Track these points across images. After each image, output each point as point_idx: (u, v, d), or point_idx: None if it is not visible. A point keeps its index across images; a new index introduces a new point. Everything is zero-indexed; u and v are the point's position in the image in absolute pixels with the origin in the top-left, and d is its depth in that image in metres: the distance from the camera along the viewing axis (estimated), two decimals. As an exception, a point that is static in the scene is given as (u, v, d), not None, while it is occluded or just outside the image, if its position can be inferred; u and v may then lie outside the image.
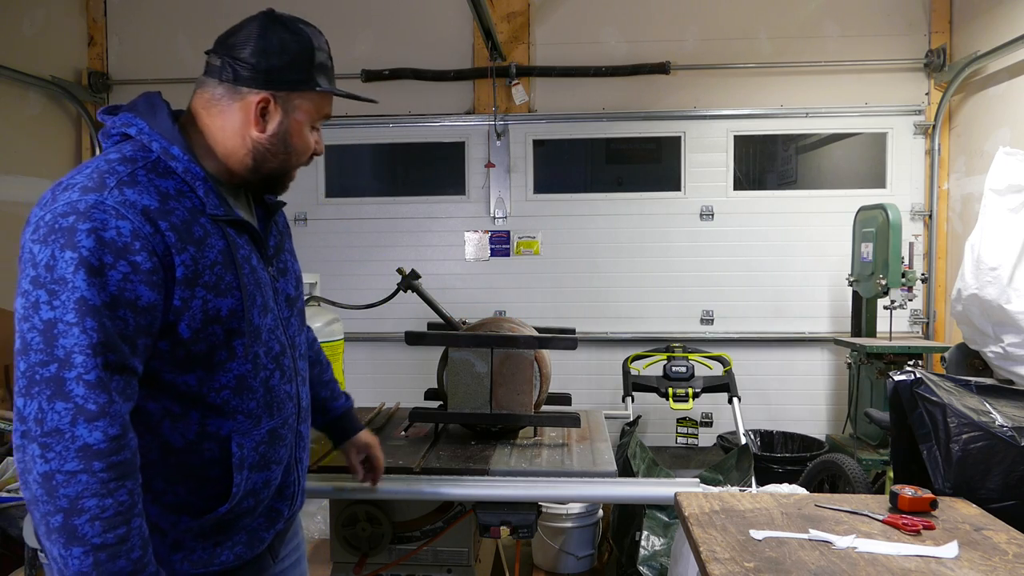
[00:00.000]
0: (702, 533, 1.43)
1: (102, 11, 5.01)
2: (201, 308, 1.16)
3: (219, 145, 1.26)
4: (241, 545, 1.29)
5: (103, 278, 1.06)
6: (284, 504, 1.38)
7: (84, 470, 1.02)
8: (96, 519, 1.03)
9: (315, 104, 1.30)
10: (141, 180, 1.14)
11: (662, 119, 4.78)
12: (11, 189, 4.41)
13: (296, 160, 1.32)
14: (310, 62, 1.27)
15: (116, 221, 1.08)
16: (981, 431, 1.64)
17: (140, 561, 1.07)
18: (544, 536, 3.50)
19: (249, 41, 1.25)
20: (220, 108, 1.25)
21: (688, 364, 4.14)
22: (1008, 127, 4.03)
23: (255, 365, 1.25)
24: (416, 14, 4.86)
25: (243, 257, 1.24)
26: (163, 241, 1.11)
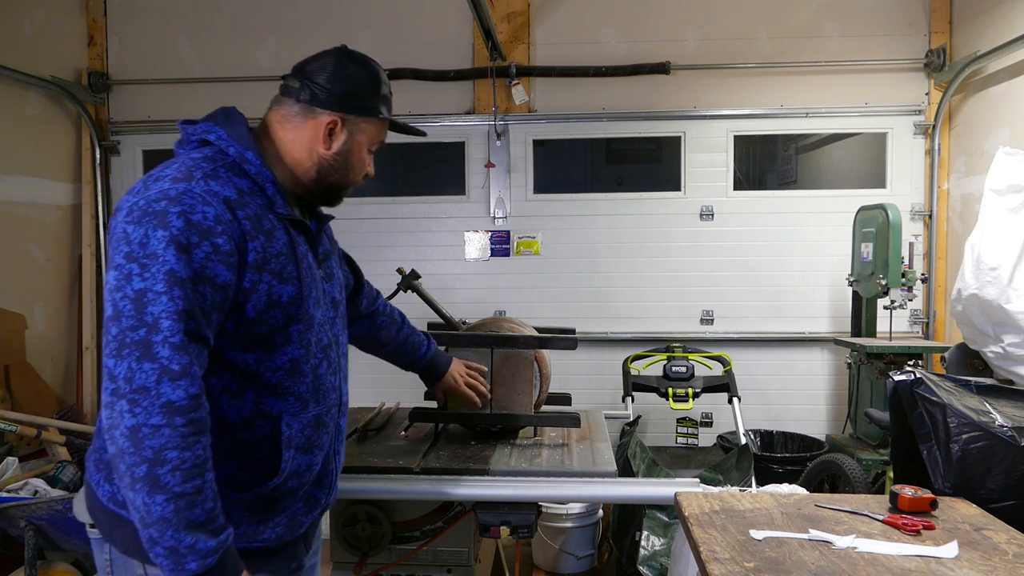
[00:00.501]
0: (702, 533, 1.43)
1: (102, 11, 5.01)
2: (267, 292, 1.29)
3: (288, 156, 1.42)
4: (282, 527, 1.39)
5: (189, 255, 1.18)
6: (322, 492, 1.47)
7: (167, 424, 1.13)
8: (177, 470, 1.13)
9: (376, 130, 1.48)
10: (222, 175, 1.29)
11: (662, 119, 4.78)
12: (11, 189, 4.41)
13: (353, 178, 1.48)
14: (376, 92, 1.46)
15: (202, 207, 1.22)
16: (981, 431, 1.64)
17: (212, 512, 1.18)
18: (544, 536, 3.50)
19: (326, 69, 1.41)
20: (294, 124, 1.41)
21: (688, 364, 4.14)
22: (1008, 127, 4.03)
23: (307, 352, 1.37)
24: (416, 14, 4.86)
25: (302, 253, 1.38)
26: (240, 228, 1.26)
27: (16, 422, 3.60)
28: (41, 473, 3.45)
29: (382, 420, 2.48)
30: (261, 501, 1.34)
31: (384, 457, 2.05)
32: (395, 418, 2.54)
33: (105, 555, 1.37)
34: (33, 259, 4.60)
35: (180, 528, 1.14)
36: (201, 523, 1.16)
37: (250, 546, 1.34)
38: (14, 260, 4.45)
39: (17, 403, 4.15)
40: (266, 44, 4.91)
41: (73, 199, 4.90)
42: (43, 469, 3.54)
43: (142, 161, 5.06)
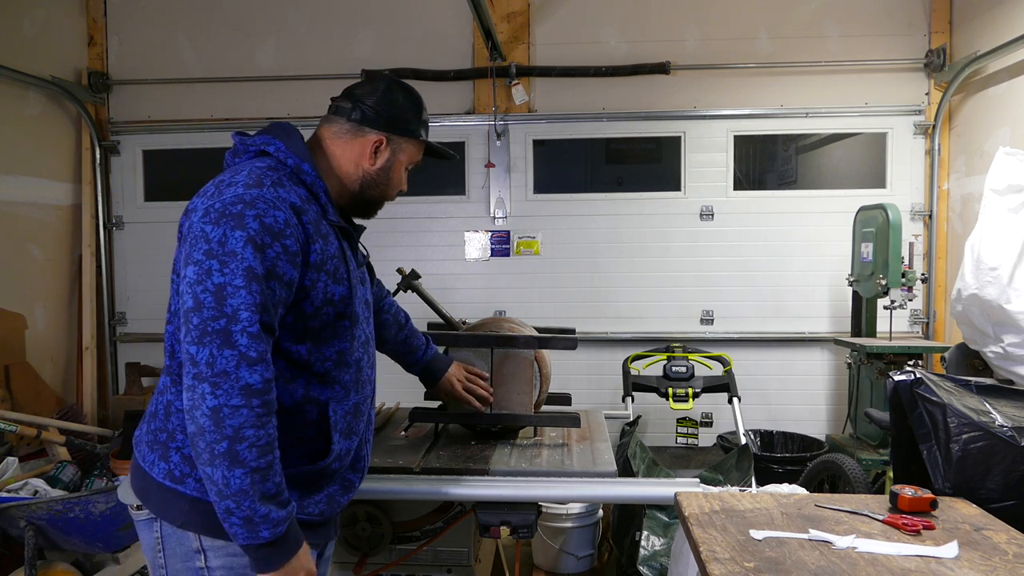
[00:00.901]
0: (702, 533, 1.43)
1: (102, 11, 5.01)
2: (323, 290, 1.42)
3: (338, 168, 1.56)
4: (323, 504, 1.50)
5: (263, 254, 1.30)
6: (356, 476, 1.59)
7: (245, 405, 1.25)
8: (253, 446, 1.26)
9: (415, 150, 1.65)
10: (286, 184, 1.41)
11: (662, 119, 4.78)
12: (11, 189, 4.41)
13: (391, 192, 1.64)
14: (419, 117, 1.63)
15: (273, 211, 1.33)
16: (981, 431, 1.64)
17: (280, 486, 1.31)
18: (544, 536, 3.50)
19: (376, 93, 1.57)
20: (344, 140, 1.56)
21: (688, 364, 4.14)
22: (1008, 127, 4.03)
23: (352, 345, 1.50)
24: (416, 14, 4.87)
25: (349, 257, 1.53)
26: (304, 232, 1.38)
27: (16, 422, 3.60)
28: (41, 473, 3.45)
29: (382, 420, 2.48)
30: (308, 478, 1.45)
31: (384, 457, 2.05)
32: (395, 418, 2.54)
33: (155, 533, 1.43)
34: (33, 259, 4.60)
35: (256, 499, 1.26)
36: (272, 495, 1.28)
37: (298, 516, 1.43)
38: (14, 260, 4.45)
39: (17, 403, 4.15)
40: (266, 44, 4.91)
41: (73, 199, 4.90)
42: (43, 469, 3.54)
43: (142, 161, 5.06)
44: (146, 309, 5.04)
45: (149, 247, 5.01)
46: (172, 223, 4.90)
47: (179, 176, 5.12)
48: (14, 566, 2.85)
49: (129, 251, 5.06)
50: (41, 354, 4.58)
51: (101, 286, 5.00)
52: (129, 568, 2.93)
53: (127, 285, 5.08)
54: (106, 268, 5.02)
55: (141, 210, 5.05)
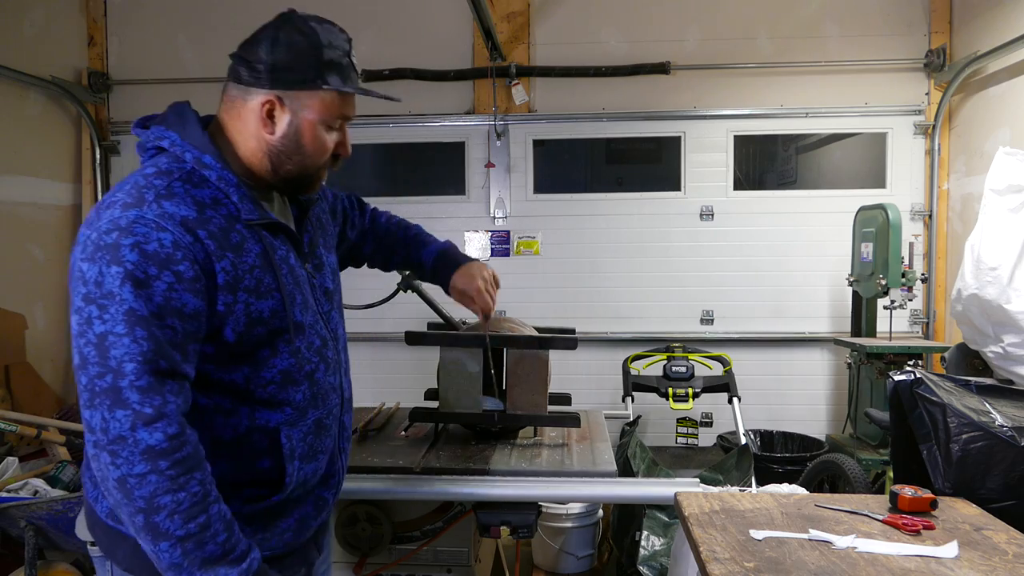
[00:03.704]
0: (702, 533, 1.43)
1: (102, 11, 5.01)
2: (244, 312, 1.21)
3: (241, 148, 1.29)
4: (290, 532, 1.35)
5: (149, 289, 1.10)
6: (329, 492, 1.43)
7: (152, 471, 1.08)
8: (174, 513, 1.09)
9: (326, 104, 1.27)
10: (178, 192, 1.18)
11: (662, 119, 4.78)
12: (11, 189, 4.41)
13: (313, 161, 1.31)
14: (317, 59, 1.24)
15: (157, 234, 1.12)
16: (981, 431, 1.64)
17: (227, 543, 1.14)
18: (544, 536, 3.50)
19: (261, 42, 1.25)
20: (237, 111, 1.28)
21: (688, 364, 4.14)
22: (1008, 127, 4.02)
23: (298, 359, 1.30)
24: (416, 14, 4.86)
25: (280, 258, 1.28)
26: (203, 249, 1.16)
27: (16, 422, 3.60)
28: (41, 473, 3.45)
29: (382, 420, 2.48)
30: (265, 512, 1.31)
31: (384, 457, 2.05)
32: (395, 418, 2.54)
33: (108, 573, 1.32)
34: (33, 259, 4.60)
35: (195, 568, 1.11)
36: (218, 557, 1.12)
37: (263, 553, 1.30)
38: (14, 260, 4.45)
39: (17, 403, 4.15)
40: (266, 44, 4.90)
41: (73, 199, 4.90)
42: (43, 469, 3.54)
43: (142, 161, 5.06)
44: (146, 309, 5.04)
45: (149, 247, 5.02)
46: (172, 223, 4.93)
47: (179, 176, 5.12)
48: (14, 566, 2.85)
49: (129, 251, 5.06)
50: (41, 354, 4.58)
51: (101, 286, 5.00)
52: (129, 568, 2.93)
53: (127, 285, 5.08)
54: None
55: (141, 210, 5.05)
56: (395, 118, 4.86)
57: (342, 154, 1.35)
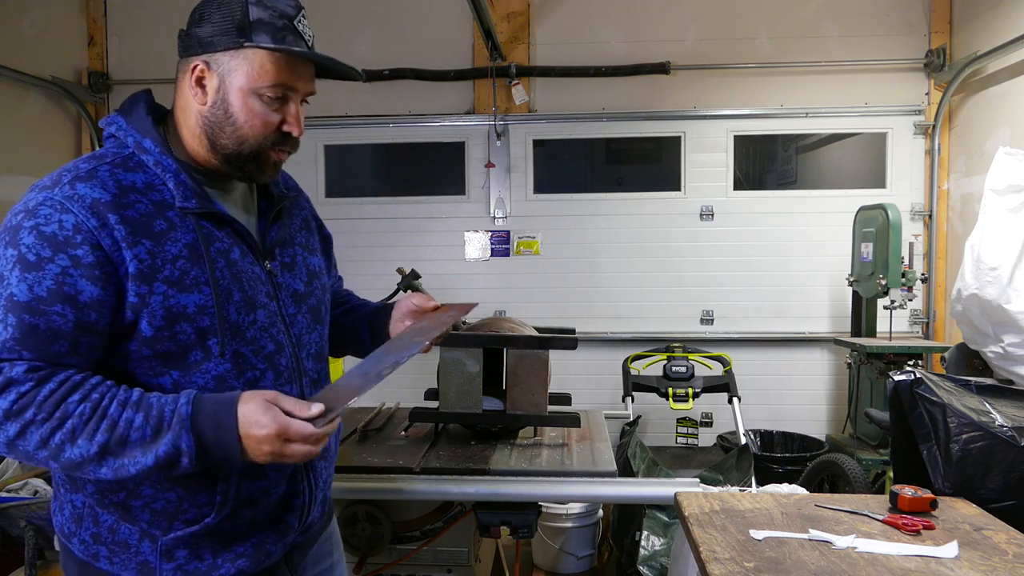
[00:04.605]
0: (702, 533, 1.43)
1: (102, 11, 5.01)
2: (162, 304, 1.11)
3: (184, 130, 1.22)
4: (244, 559, 1.23)
5: (39, 272, 1.04)
6: (293, 515, 1.29)
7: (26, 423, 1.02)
8: (75, 440, 1.03)
9: (255, 66, 1.16)
10: (101, 175, 1.12)
11: (662, 119, 4.78)
12: (11, 189, 4.41)
13: (248, 134, 1.18)
14: (243, 17, 1.15)
15: (60, 215, 1.07)
16: (981, 431, 1.64)
17: (149, 418, 1.05)
18: (544, 536, 3.50)
19: (195, 8, 1.19)
20: (179, 87, 1.22)
21: (688, 364, 4.14)
22: (1008, 127, 4.02)
23: (236, 365, 1.18)
24: (416, 14, 4.86)
25: (218, 251, 1.18)
26: (109, 235, 1.08)
27: (16, 422, 3.60)
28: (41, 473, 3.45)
29: (382, 420, 2.48)
30: (209, 535, 1.20)
31: (384, 457, 2.05)
32: (395, 418, 2.54)
33: None
34: (33, 259, 4.60)
35: (141, 457, 1.04)
36: (152, 435, 1.05)
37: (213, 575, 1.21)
38: (14, 260, 4.45)
39: (17, 403, 4.14)
40: (266, 44, 4.90)
41: (73, 199, 4.90)
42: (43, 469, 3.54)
43: (142, 161, 5.06)
44: (146, 309, 5.04)
45: (149, 247, 5.02)
46: (172, 223, 4.93)
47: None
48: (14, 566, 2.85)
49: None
50: (41, 354, 4.58)
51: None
52: (129, 568, 2.93)
53: (127, 285, 5.08)
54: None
55: (141, 210, 5.05)
56: (395, 118, 4.86)
57: (291, 132, 1.22)
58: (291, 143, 1.24)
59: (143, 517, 1.17)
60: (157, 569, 1.19)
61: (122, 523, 1.18)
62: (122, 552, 1.19)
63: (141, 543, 1.18)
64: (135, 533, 1.18)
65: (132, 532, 1.18)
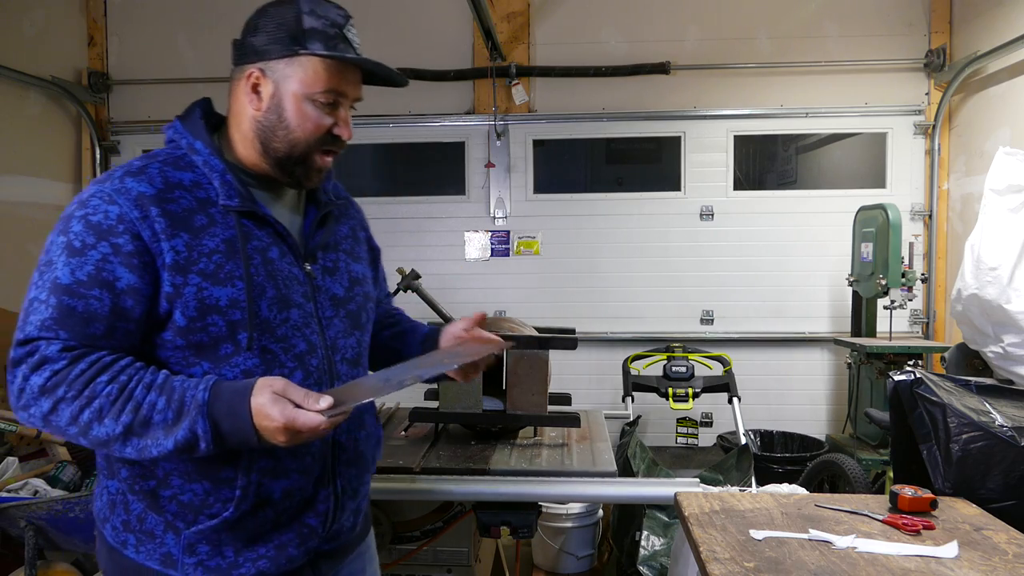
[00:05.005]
0: (702, 533, 1.43)
1: (102, 11, 5.01)
2: (195, 295, 1.15)
3: (238, 132, 1.28)
4: (266, 560, 1.24)
5: (82, 258, 1.11)
6: (317, 520, 1.29)
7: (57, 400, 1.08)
8: (103, 419, 1.08)
9: (310, 72, 1.21)
10: (150, 171, 1.19)
11: (662, 119, 4.78)
12: (11, 189, 4.41)
13: (300, 137, 1.24)
14: (296, 26, 1.20)
15: (106, 206, 1.13)
16: (981, 431, 1.64)
17: (172, 402, 1.09)
18: (544, 536, 3.50)
19: (250, 21, 1.25)
20: (234, 95, 1.28)
21: (688, 364, 4.14)
22: (1008, 127, 4.02)
23: (264, 361, 1.20)
24: (416, 14, 4.86)
25: (255, 248, 1.22)
26: (150, 226, 1.14)
27: (16, 422, 3.60)
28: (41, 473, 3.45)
29: (382, 420, 2.48)
30: (230, 531, 1.21)
31: (384, 457, 2.05)
32: (395, 418, 2.54)
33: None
34: (33, 259, 4.56)
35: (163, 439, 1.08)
36: (173, 419, 1.08)
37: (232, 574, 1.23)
38: (14, 260, 4.45)
39: (17, 403, 4.14)
40: (266, 44, 4.90)
41: (73, 199, 4.90)
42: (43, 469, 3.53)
43: (142, 161, 5.06)
44: (146, 309, 5.04)
45: (149, 247, 5.01)
46: (172, 223, 4.93)
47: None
48: (14, 566, 2.85)
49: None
50: (41, 354, 4.58)
51: (101, 286, 5.00)
52: (129, 568, 2.93)
53: (127, 285, 5.08)
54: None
55: (141, 210, 5.05)
56: (395, 118, 4.86)
57: (341, 136, 1.28)
58: (338, 146, 1.30)
59: (170, 508, 1.20)
60: (179, 562, 1.21)
61: (149, 512, 1.22)
62: (148, 542, 1.22)
63: (166, 534, 1.21)
64: (160, 524, 1.21)
65: (158, 522, 1.21)
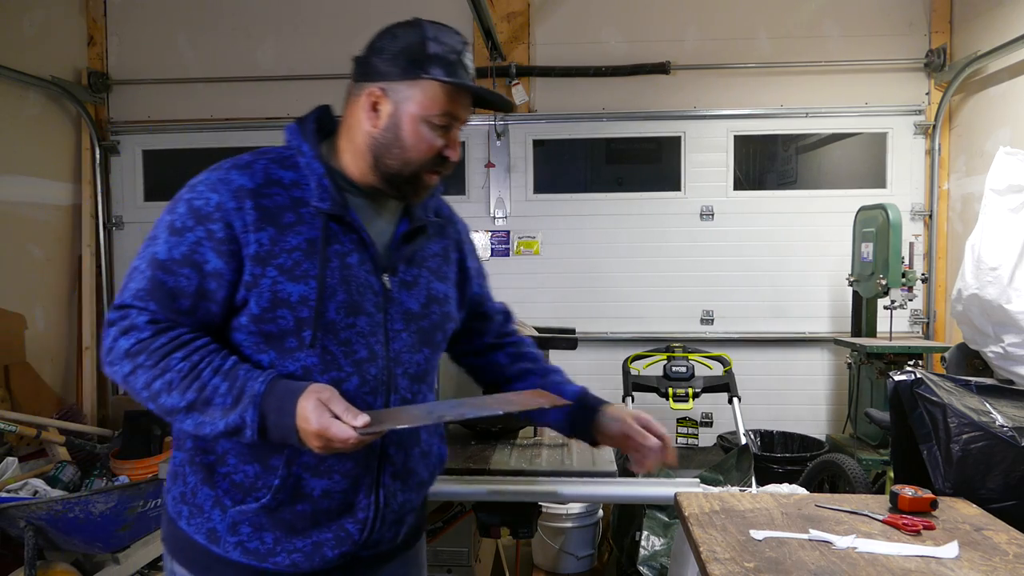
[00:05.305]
0: (702, 533, 1.43)
1: (102, 11, 5.01)
2: (270, 288, 1.21)
3: (350, 144, 1.32)
4: (301, 554, 1.26)
5: (180, 238, 1.20)
6: (355, 526, 1.29)
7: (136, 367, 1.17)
8: (171, 391, 1.16)
9: (429, 96, 1.26)
10: (256, 167, 1.26)
11: (662, 119, 4.78)
12: (11, 189, 4.41)
13: (414, 157, 1.28)
14: (421, 51, 1.26)
15: (209, 194, 1.22)
16: (981, 431, 1.64)
17: (232, 389, 1.16)
18: (544, 536, 3.50)
19: (375, 41, 1.31)
20: (351, 107, 1.32)
21: (688, 364, 4.14)
22: (1008, 127, 4.02)
23: (323, 361, 1.24)
24: (416, 14, 4.80)
25: (335, 252, 1.26)
26: (242, 218, 1.21)
27: (16, 422, 3.60)
28: (41, 473, 3.46)
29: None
30: (270, 517, 1.25)
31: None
32: (395, 418, 2.53)
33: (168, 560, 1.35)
34: (33, 259, 4.60)
35: (218, 419, 1.16)
36: (232, 404, 1.15)
37: (259, 565, 1.26)
38: (14, 260, 4.45)
39: (17, 403, 4.15)
40: (266, 44, 4.91)
41: (73, 199, 4.90)
42: (43, 469, 3.54)
43: (142, 161, 5.06)
44: (146, 309, 5.03)
45: (149, 247, 5.01)
46: (172, 223, 4.93)
47: (179, 176, 5.07)
48: (14, 566, 2.85)
49: (129, 251, 5.06)
50: (41, 354, 4.58)
51: (101, 286, 5.00)
52: (129, 568, 2.93)
53: (127, 285, 5.08)
54: (106, 268, 5.02)
55: (141, 210, 5.05)
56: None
57: (450, 157, 1.31)
58: (447, 167, 1.34)
59: (222, 485, 1.26)
60: (222, 539, 1.26)
61: (203, 487, 1.27)
62: (197, 516, 1.28)
63: (213, 510, 1.26)
64: (210, 499, 1.27)
65: (208, 497, 1.27)
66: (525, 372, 1.60)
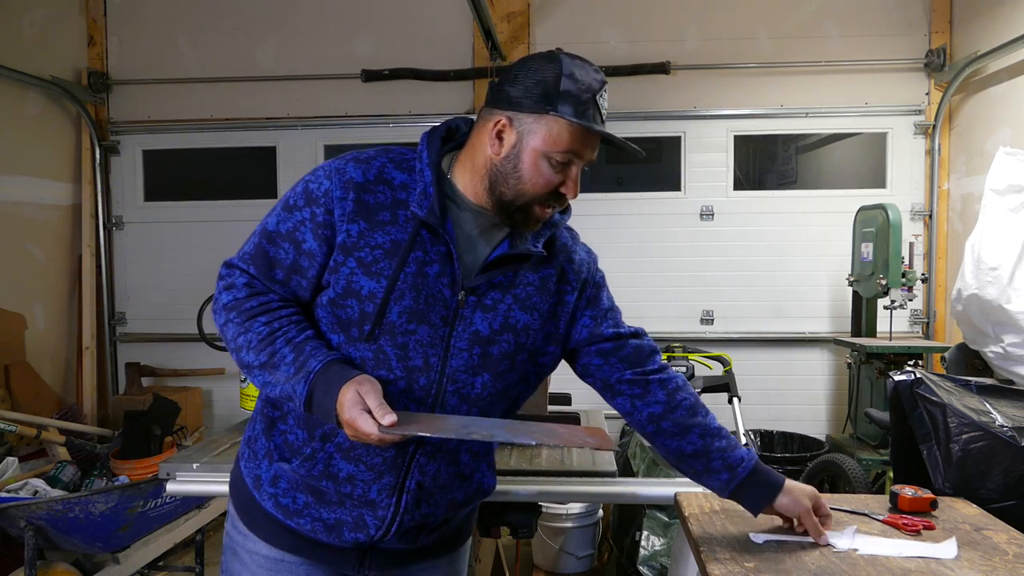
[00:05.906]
0: (702, 533, 1.43)
1: (102, 11, 5.01)
2: (347, 276, 1.27)
3: (470, 162, 1.33)
4: (322, 524, 1.35)
5: (289, 214, 1.30)
6: (372, 521, 1.33)
7: (227, 320, 1.30)
8: (249, 349, 1.28)
9: (553, 133, 1.27)
10: (373, 164, 1.32)
11: (662, 119, 4.78)
12: (11, 189, 4.41)
13: (528, 190, 1.28)
14: (554, 88, 1.26)
15: (323, 180, 1.30)
16: (981, 431, 1.64)
17: (295, 362, 1.25)
18: (544, 536, 3.50)
19: (513, 69, 1.31)
20: (479, 129, 1.32)
21: (688, 364, 4.13)
22: (1008, 127, 4.02)
23: (376, 358, 1.28)
24: (416, 14, 4.86)
25: (416, 258, 1.27)
26: (342, 207, 1.27)
27: (16, 422, 3.60)
28: (41, 473, 3.46)
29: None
30: (303, 479, 1.33)
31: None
32: (395, 418, 2.53)
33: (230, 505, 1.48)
34: (33, 259, 4.60)
35: (281, 383, 1.25)
36: (292, 373, 1.24)
37: (284, 521, 1.37)
38: (14, 260, 4.45)
39: (17, 403, 4.15)
40: (266, 44, 4.91)
41: (73, 199, 4.90)
42: (43, 469, 3.54)
43: (142, 161, 5.05)
44: (146, 309, 5.03)
45: (149, 247, 5.00)
46: (172, 223, 4.94)
47: (179, 176, 5.11)
48: (14, 566, 2.85)
49: (129, 251, 5.06)
50: (41, 354, 4.58)
51: (101, 286, 5.00)
52: (129, 568, 2.93)
53: (127, 285, 5.08)
54: (106, 268, 5.02)
55: (141, 210, 5.04)
56: (395, 118, 4.86)
57: (567, 194, 1.32)
58: (561, 202, 1.35)
59: (276, 440, 1.37)
60: (263, 488, 1.37)
61: (262, 436, 1.39)
62: (251, 460, 1.40)
63: (263, 459, 1.38)
64: (264, 449, 1.38)
65: (263, 446, 1.38)
66: (706, 454, 1.44)
